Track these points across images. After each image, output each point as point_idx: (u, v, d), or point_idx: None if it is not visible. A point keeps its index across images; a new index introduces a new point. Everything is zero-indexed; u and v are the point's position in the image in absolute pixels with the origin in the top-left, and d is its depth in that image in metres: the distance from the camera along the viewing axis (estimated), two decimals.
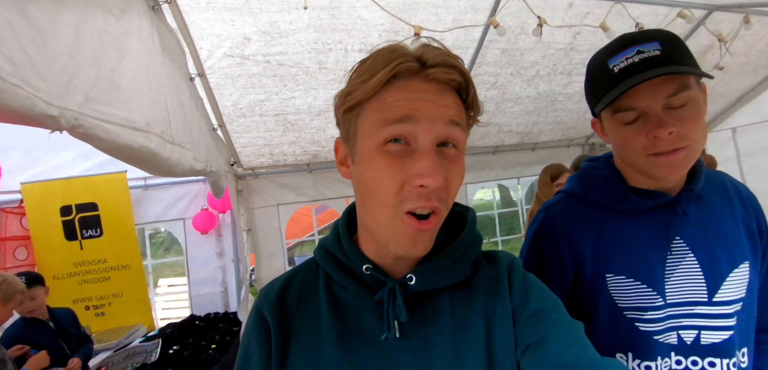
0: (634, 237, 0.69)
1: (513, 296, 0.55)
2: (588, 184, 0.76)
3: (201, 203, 3.14)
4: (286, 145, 2.96)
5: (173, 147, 1.57)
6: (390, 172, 0.47)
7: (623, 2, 2.34)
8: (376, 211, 0.50)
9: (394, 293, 0.53)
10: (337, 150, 0.57)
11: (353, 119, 0.51)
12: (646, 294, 0.68)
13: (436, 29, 2.21)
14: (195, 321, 2.65)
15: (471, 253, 0.57)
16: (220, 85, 2.27)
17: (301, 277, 0.61)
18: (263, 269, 3.09)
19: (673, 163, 0.61)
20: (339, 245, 0.58)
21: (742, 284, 0.68)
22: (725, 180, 0.76)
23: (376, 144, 0.48)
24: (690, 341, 0.68)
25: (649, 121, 0.61)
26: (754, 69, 3.61)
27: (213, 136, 2.44)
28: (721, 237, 0.69)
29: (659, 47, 0.60)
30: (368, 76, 0.49)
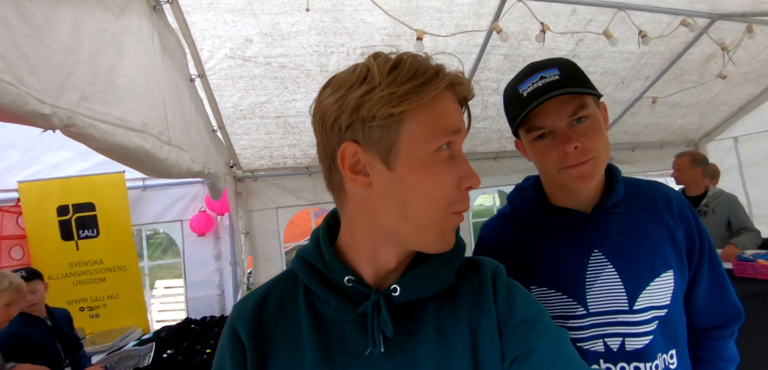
0: (555, 252, 0.76)
1: (498, 305, 0.54)
2: (516, 205, 0.84)
3: (199, 205, 3.11)
4: (286, 148, 2.94)
5: (170, 148, 1.54)
6: (448, 177, 0.49)
7: (626, 10, 2.33)
8: (427, 215, 0.50)
9: (378, 305, 0.51)
10: (345, 156, 0.49)
11: (395, 124, 0.48)
12: (568, 304, 0.73)
13: (439, 34, 2.20)
14: (190, 325, 2.61)
15: (455, 261, 0.56)
16: (220, 87, 2.25)
17: (279, 290, 0.58)
18: (261, 272, 3.06)
19: (582, 174, 0.69)
20: (319, 256, 0.55)
21: (666, 291, 0.72)
22: (656, 192, 0.79)
23: (432, 150, 0.49)
24: (616, 347, 0.72)
25: (557, 138, 0.69)
26: (757, 78, 3.60)
27: (212, 138, 2.42)
28: (642, 248, 0.73)
29: (558, 73, 0.69)
30: (422, 82, 0.48)
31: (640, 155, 4.43)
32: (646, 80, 3.27)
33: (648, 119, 3.87)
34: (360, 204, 0.52)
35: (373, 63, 0.49)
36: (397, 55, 0.50)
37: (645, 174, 5.14)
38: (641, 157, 4.44)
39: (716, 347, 0.80)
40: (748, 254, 2.16)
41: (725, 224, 2.67)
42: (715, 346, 0.80)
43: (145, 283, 3.40)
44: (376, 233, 0.52)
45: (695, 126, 4.32)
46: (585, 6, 2.29)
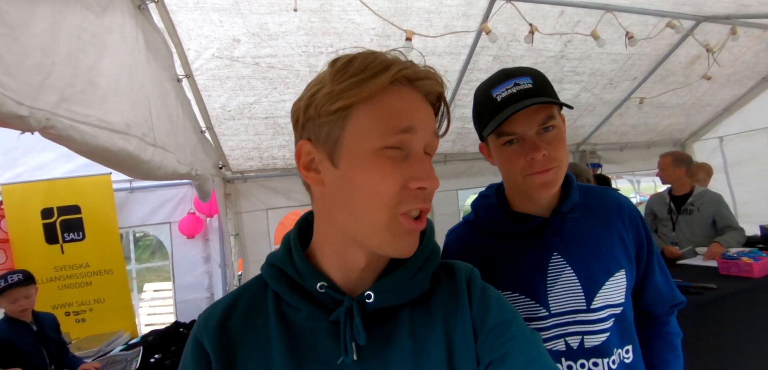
0: (516, 257, 0.79)
1: (473, 309, 0.54)
2: (479, 212, 0.87)
3: (188, 207, 3.07)
4: (275, 149, 2.92)
5: (155, 150, 1.52)
6: (392, 175, 0.47)
7: (613, 11, 2.36)
8: (370, 215, 0.48)
9: (351, 312, 0.50)
10: (301, 154, 0.51)
11: (340, 121, 0.48)
12: (531, 306, 0.76)
13: (428, 34, 2.21)
14: (179, 328, 2.58)
15: (430, 265, 0.55)
16: (208, 87, 2.23)
17: (247, 298, 0.55)
18: (251, 274, 3.03)
19: (545, 181, 0.72)
20: (290, 261, 0.53)
21: (620, 290, 0.77)
22: (608, 198, 0.84)
23: (376, 148, 0.47)
24: (576, 345, 0.75)
25: (526, 145, 0.72)
26: (740, 79, 3.67)
27: (200, 139, 2.39)
28: (597, 250, 0.78)
29: (531, 81, 0.72)
30: (365, 77, 0.47)
31: (628, 155, 4.49)
32: (634, 81, 3.31)
33: (635, 120, 3.93)
34: (320, 202, 0.53)
35: (330, 64, 0.50)
36: (355, 53, 0.50)
37: (633, 174, 5.22)
38: (629, 157, 4.50)
39: (666, 323, 0.89)
40: (732, 252, 2.20)
41: (710, 222, 2.72)
42: (663, 323, 0.89)
43: (132, 286, 3.35)
44: (337, 233, 0.52)
45: (681, 126, 4.39)
46: (573, 7, 2.31)
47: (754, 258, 2.04)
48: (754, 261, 2.01)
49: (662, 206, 3.00)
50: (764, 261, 2.02)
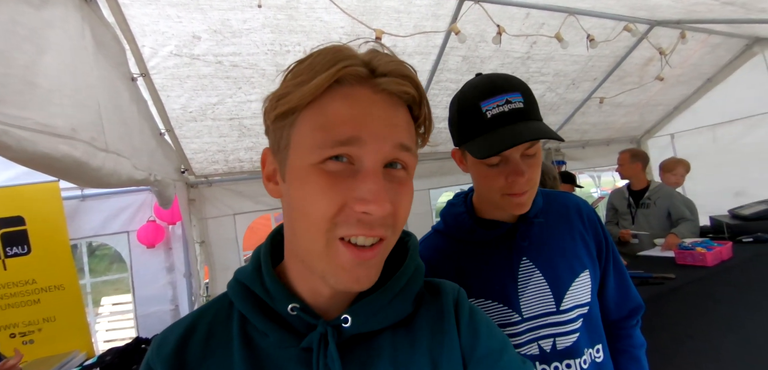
0: (486, 263, 0.78)
1: (461, 336, 0.50)
2: (448, 220, 0.86)
3: (147, 215, 2.89)
4: (242, 152, 2.80)
5: (107, 155, 1.40)
6: (327, 194, 0.40)
7: (576, 14, 2.44)
8: (306, 238, 0.42)
9: (325, 338, 0.45)
10: (265, 163, 0.48)
11: (286, 128, 0.43)
12: (504, 312, 0.75)
13: (398, 34, 2.19)
14: (141, 344, 2.41)
15: (413, 286, 0.50)
16: (166, 87, 2.10)
17: (209, 320, 0.49)
18: (219, 283, 2.90)
19: (522, 203, 0.72)
20: (259, 280, 0.48)
21: (586, 290, 0.78)
22: (568, 202, 0.86)
23: (313, 161, 0.41)
24: (548, 348, 0.75)
25: (509, 167, 0.70)
26: (688, 80, 3.93)
27: (159, 142, 2.25)
28: (561, 252, 0.79)
29: (522, 99, 0.69)
30: (307, 77, 0.41)
31: (590, 152, 4.70)
32: (594, 82, 3.46)
33: (595, 118, 4.11)
34: (284, 214, 0.48)
35: (295, 60, 0.45)
36: (319, 49, 0.44)
37: (594, 169, 5.47)
38: (590, 154, 4.72)
39: (628, 336, 0.89)
40: (687, 242, 2.33)
41: (666, 214, 2.89)
42: (626, 335, 0.89)
43: (87, 302, 3.11)
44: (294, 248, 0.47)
45: (637, 124, 4.65)
46: (538, 10, 2.37)
47: (706, 248, 2.17)
48: (707, 251, 2.14)
49: (622, 200, 3.15)
50: (716, 250, 2.16)
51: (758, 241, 2.44)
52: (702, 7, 2.22)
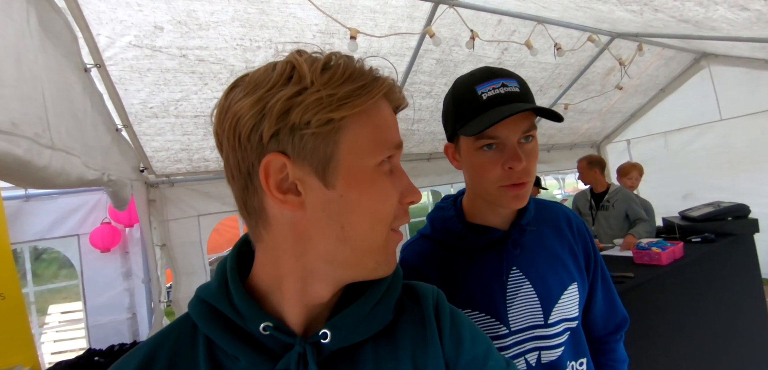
0: (475, 272, 0.75)
1: (444, 343, 0.49)
2: (436, 225, 0.82)
3: (101, 216, 2.68)
4: (207, 151, 2.67)
5: (53, 153, 1.28)
6: (393, 193, 0.45)
7: (544, 23, 2.53)
8: (370, 235, 0.44)
9: (304, 358, 0.42)
10: (269, 172, 0.40)
11: (332, 133, 0.40)
12: (491, 325, 0.72)
13: (373, 34, 2.17)
14: (94, 357, 2.22)
15: (393, 293, 0.49)
16: (124, 80, 1.95)
17: (170, 346, 0.44)
18: (182, 288, 2.74)
19: (519, 195, 0.69)
20: (226, 298, 0.43)
21: (574, 303, 0.76)
22: (558, 212, 0.84)
23: (375, 163, 0.43)
24: (534, 362, 0.73)
25: (505, 153, 0.67)
26: (645, 90, 4.19)
27: (115, 139, 2.09)
28: (552, 264, 0.76)
29: (517, 85, 0.68)
30: (360, 85, 0.41)
31: (555, 156, 4.91)
32: (560, 88, 3.61)
33: (561, 124, 4.29)
34: (288, 230, 0.42)
35: (300, 59, 0.41)
36: (325, 54, 0.42)
37: (558, 172, 5.73)
38: (556, 157, 4.92)
39: (612, 351, 0.88)
40: (644, 243, 2.47)
41: (624, 216, 3.06)
42: (610, 350, 0.88)
43: (30, 311, 2.84)
44: (309, 263, 0.43)
45: (598, 130, 4.90)
46: (510, 17, 2.43)
47: (661, 248, 2.31)
48: (661, 251, 2.27)
49: (585, 202, 3.31)
50: (670, 250, 2.30)
51: (705, 241, 2.63)
52: (658, 22, 2.37)
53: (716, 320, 2.38)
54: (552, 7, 2.29)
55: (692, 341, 2.20)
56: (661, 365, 2.04)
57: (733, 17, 1.81)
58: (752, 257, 2.73)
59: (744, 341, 2.53)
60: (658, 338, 2.06)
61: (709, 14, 1.84)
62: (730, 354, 2.41)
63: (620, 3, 1.88)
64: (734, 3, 1.59)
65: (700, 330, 2.27)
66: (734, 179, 4.05)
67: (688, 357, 2.16)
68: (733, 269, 2.57)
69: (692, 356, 2.19)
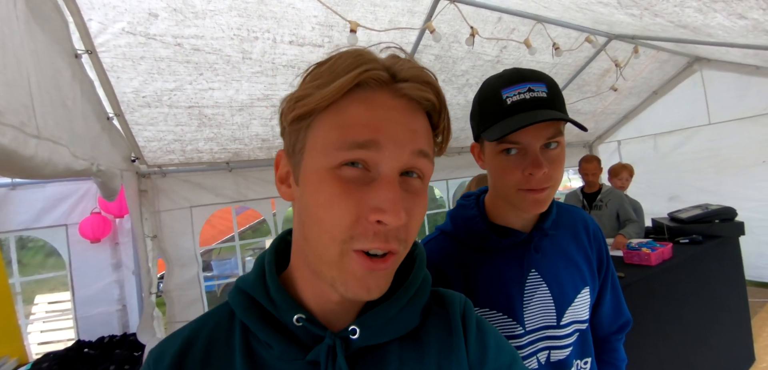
0: (495, 272, 0.75)
1: (470, 352, 0.49)
2: (458, 224, 0.81)
3: (91, 206, 2.62)
4: (201, 142, 2.62)
5: (40, 142, 1.23)
6: (343, 202, 0.39)
7: (544, 23, 2.52)
8: (320, 245, 0.41)
9: (333, 351, 0.43)
10: (278, 165, 0.47)
11: (303, 131, 0.42)
12: (508, 324, 0.73)
13: (373, 28, 2.14)
14: (83, 348, 2.18)
15: (421, 297, 0.50)
16: (116, 67, 1.89)
17: (209, 332, 0.46)
18: (174, 278, 2.70)
19: (539, 200, 0.68)
20: (263, 289, 0.46)
21: (585, 306, 0.78)
22: (576, 216, 0.85)
23: (329, 166, 0.39)
24: (544, 361, 0.75)
25: (527, 158, 0.66)
26: (638, 92, 4.23)
27: (105, 127, 2.03)
28: (568, 267, 0.78)
29: (545, 90, 0.66)
30: (327, 80, 0.40)
31: None
32: None
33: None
34: (294, 219, 0.46)
35: (314, 62, 0.44)
36: (339, 51, 0.43)
37: None
38: None
39: (614, 350, 0.91)
40: (634, 243, 2.51)
41: (615, 216, 3.10)
42: (612, 349, 0.91)
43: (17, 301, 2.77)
44: (307, 259, 0.45)
45: (591, 130, 4.94)
46: (509, 15, 2.42)
47: (651, 248, 2.35)
48: (651, 251, 2.32)
49: (577, 202, 3.34)
50: (659, 251, 2.34)
51: (693, 242, 2.68)
52: (656, 26, 2.38)
53: (702, 319, 2.44)
54: (552, 7, 2.28)
55: (679, 339, 2.26)
56: (649, 364, 2.09)
57: (730, 25, 1.84)
58: (737, 259, 2.80)
59: (728, 340, 2.61)
60: (647, 337, 2.10)
61: (707, 21, 1.86)
62: (715, 352, 2.48)
63: (621, 6, 1.89)
64: (733, 11, 1.61)
65: (687, 329, 2.32)
66: (719, 183, 4.14)
67: (675, 355, 2.21)
68: (719, 270, 2.63)
69: (679, 354, 2.24)
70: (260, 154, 3.00)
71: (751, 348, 2.77)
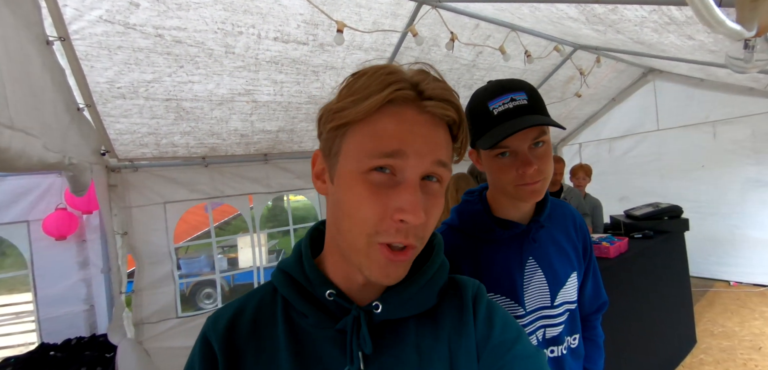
0: (500, 261, 0.84)
1: (477, 328, 0.54)
2: (464, 217, 0.90)
3: (54, 201, 2.47)
4: (177, 135, 2.54)
5: (13, 133, 1.18)
6: (371, 202, 0.46)
7: (517, 31, 2.67)
8: (350, 236, 0.48)
9: (358, 321, 0.50)
10: (315, 163, 0.54)
11: (339, 137, 0.49)
12: (512, 306, 0.83)
13: (357, 28, 2.18)
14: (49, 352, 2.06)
15: (438, 280, 0.56)
16: (90, 56, 1.81)
17: (256, 303, 0.56)
18: (146, 277, 2.60)
19: (535, 191, 0.77)
20: (301, 268, 0.54)
21: (574, 288, 0.89)
22: (565, 210, 0.96)
23: (361, 170, 0.46)
24: (541, 337, 0.86)
25: (518, 159, 0.76)
26: (598, 99, 4.55)
27: (75, 118, 1.93)
28: (560, 255, 0.88)
29: (526, 97, 0.76)
30: (362, 96, 0.46)
31: None
32: None
33: None
34: (329, 211, 0.54)
35: (352, 75, 0.50)
36: (370, 67, 0.50)
37: None
38: None
39: (593, 327, 1.04)
40: (595, 238, 2.73)
41: None
42: (593, 326, 1.04)
43: None
44: (340, 245, 0.52)
45: (555, 133, 5.24)
46: (486, 22, 2.54)
47: (610, 242, 2.57)
48: (610, 245, 2.53)
49: None
50: (617, 245, 2.56)
51: (645, 237, 2.95)
52: (617, 41, 2.60)
53: (652, 306, 2.70)
54: (526, 18, 2.43)
55: (633, 324, 2.49)
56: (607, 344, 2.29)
57: (680, 44, 2.06)
58: (682, 252, 3.12)
59: (674, 324, 2.90)
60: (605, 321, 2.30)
61: (661, 39, 2.07)
62: (664, 335, 2.76)
63: (588, 22, 2.05)
64: (683, 33, 1.81)
65: (640, 315, 2.56)
66: (664, 186, 4.54)
67: (629, 339, 2.44)
68: (667, 262, 2.92)
69: (633, 336, 2.47)
70: (238, 149, 2.95)
71: (693, 331, 3.10)
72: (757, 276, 3.99)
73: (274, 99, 2.59)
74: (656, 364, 2.66)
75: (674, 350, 2.88)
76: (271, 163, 3.18)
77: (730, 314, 3.49)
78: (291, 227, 3.49)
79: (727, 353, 2.89)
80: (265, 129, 2.85)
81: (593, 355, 1.01)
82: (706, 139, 4.18)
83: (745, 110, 3.86)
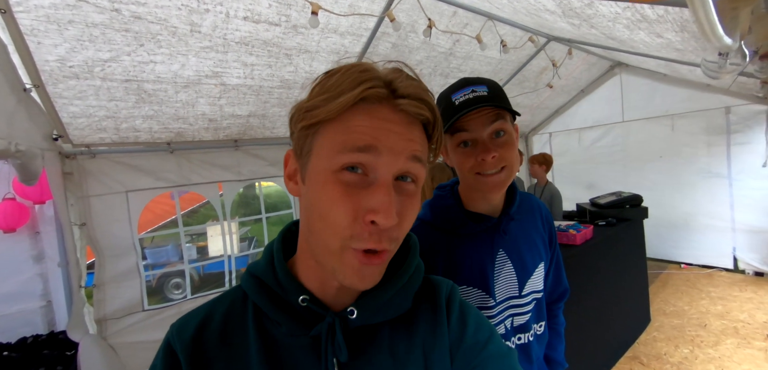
0: (472, 254, 0.86)
1: (451, 329, 0.54)
2: (437, 212, 0.91)
3: (4, 191, 2.27)
4: (139, 120, 2.38)
5: None
6: (342, 203, 0.44)
7: (494, 20, 2.68)
8: (323, 238, 0.46)
9: (333, 328, 0.49)
10: (287, 163, 0.52)
11: (310, 136, 0.47)
12: (483, 298, 0.85)
13: (333, 11, 2.10)
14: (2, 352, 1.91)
15: (414, 284, 0.55)
16: (38, 32, 1.65)
17: (225, 310, 0.52)
18: (107, 270, 2.46)
19: (496, 182, 0.79)
20: (272, 273, 0.52)
21: (540, 278, 0.92)
22: (533, 203, 0.99)
23: (332, 169, 0.45)
24: (510, 326, 0.89)
25: (477, 147, 0.78)
26: (569, 91, 4.69)
27: (22, 101, 1.76)
28: (529, 246, 0.91)
29: (486, 90, 0.79)
30: (334, 94, 0.45)
31: None
32: (500, 82, 3.88)
33: None
34: (300, 213, 0.52)
35: (323, 72, 0.49)
36: (343, 65, 0.48)
37: None
38: None
39: (555, 316, 1.07)
40: (562, 225, 2.84)
41: None
42: (554, 315, 1.07)
43: None
44: (311, 247, 0.50)
45: (527, 122, 5.39)
46: (464, 10, 2.53)
47: (576, 230, 2.68)
48: (576, 232, 2.64)
49: None
50: (583, 232, 2.67)
51: (609, 224, 3.11)
52: (590, 36, 2.66)
53: (613, 288, 2.85)
54: (504, 8, 2.43)
55: (596, 304, 2.63)
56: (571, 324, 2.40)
57: (649, 41, 2.13)
58: (641, 238, 3.31)
59: (631, 304, 3.09)
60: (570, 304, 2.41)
61: (632, 36, 2.13)
62: (623, 315, 2.93)
63: (564, 16, 2.08)
64: (652, 31, 1.87)
65: (602, 296, 2.71)
66: (626, 174, 4.79)
67: (592, 317, 2.58)
68: (627, 248, 3.09)
69: (595, 316, 2.61)
70: (206, 135, 2.81)
71: (648, 311, 3.32)
72: (705, 258, 4.32)
73: (245, 82, 2.47)
74: (615, 342, 2.84)
75: (631, 329, 3.08)
76: (241, 150, 3.06)
77: (680, 294, 3.76)
78: (263, 215, 3.40)
79: (677, 330, 3.12)
80: (235, 114, 2.73)
81: (554, 342, 1.05)
82: (665, 132, 4.42)
83: (700, 105, 4.11)
